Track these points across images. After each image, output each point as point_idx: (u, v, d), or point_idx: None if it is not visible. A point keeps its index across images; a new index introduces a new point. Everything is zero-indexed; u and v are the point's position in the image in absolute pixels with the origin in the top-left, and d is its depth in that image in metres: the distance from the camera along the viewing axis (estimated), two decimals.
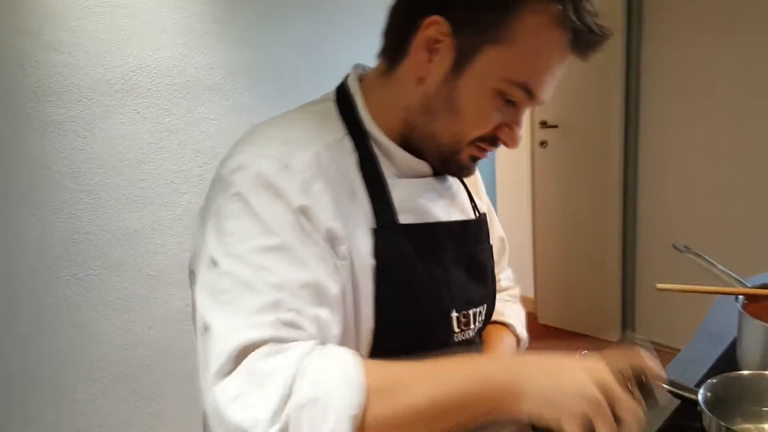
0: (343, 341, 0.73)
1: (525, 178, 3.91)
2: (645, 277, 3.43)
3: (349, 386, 0.60)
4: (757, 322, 1.09)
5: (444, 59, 0.78)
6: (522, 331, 1.05)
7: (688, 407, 1.03)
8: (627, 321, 3.61)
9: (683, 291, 1.13)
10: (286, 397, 0.58)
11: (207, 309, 0.66)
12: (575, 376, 0.65)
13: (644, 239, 3.41)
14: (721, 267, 1.29)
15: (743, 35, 2.82)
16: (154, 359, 1.92)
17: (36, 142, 1.60)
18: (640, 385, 0.69)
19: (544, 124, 3.55)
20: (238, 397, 0.59)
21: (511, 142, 0.83)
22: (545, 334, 3.89)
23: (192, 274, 0.81)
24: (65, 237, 1.69)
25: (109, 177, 1.75)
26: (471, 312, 0.88)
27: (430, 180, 0.88)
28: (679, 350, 1.32)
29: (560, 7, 0.74)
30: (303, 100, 0.88)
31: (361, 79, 0.88)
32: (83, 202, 1.72)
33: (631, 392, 0.67)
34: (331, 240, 0.73)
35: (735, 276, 1.26)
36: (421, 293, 0.82)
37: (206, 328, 0.65)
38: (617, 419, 0.64)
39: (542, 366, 0.67)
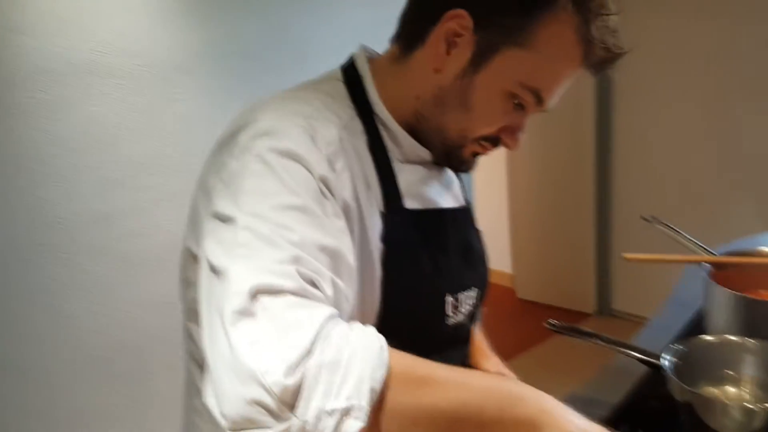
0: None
1: (500, 155, 3.93)
2: (619, 249, 3.48)
3: (373, 359, 0.58)
4: (723, 289, 1.11)
5: (462, 54, 0.78)
6: None
7: (654, 374, 1.05)
8: (602, 292, 3.67)
9: (650, 260, 1.15)
10: (306, 354, 0.55)
11: (220, 256, 0.63)
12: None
13: (618, 212, 3.46)
14: (687, 236, 1.31)
15: (716, 14, 2.85)
16: (132, 343, 1.91)
17: (1, 126, 1.58)
18: None
19: None
20: (255, 342, 0.56)
21: (513, 145, 0.84)
22: (523, 308, 3.94)
23: (187, 253, 0.80)
24: (37, 222, 1.67)
25: (79, 160, 1.73)
26: (461, 296, 0.89)
27: (431, 167, 0.89)
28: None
29: (583, 21, 0.75)
30: (275, 80, 0.87)
31: (370, 62, 0.87)
32: (54, 187, 1.69)
33: None
34: (347, 217, 0.72)
35: (702, 245, 1.29)
36: (424, 279, 0.82)
37: (220, 272, 0.61)
38: None
39: (572, 418, 0.66)
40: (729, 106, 2.93)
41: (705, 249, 1.27)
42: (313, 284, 0.62)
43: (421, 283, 0.82)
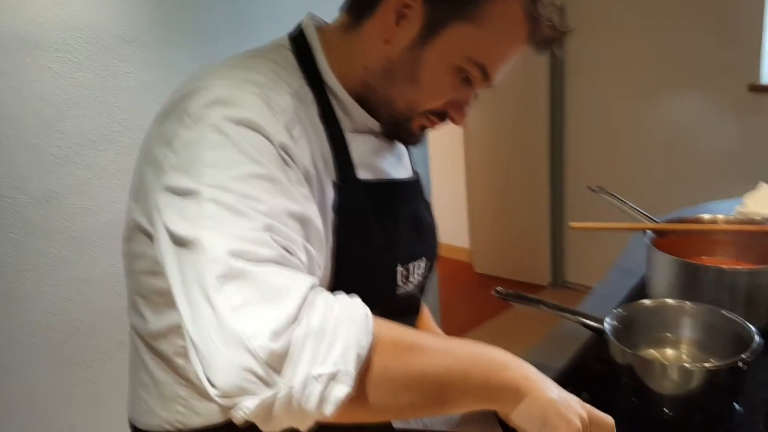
0: None
1: (457, 133, 3.95)
2: (572, 221, 3.56)
3: (359, 326, 0.58)
4: (664, 254, 1.15)
5: (411, 26, 0.78)
6: None
7: (598, 338, 1.08)
8: (556, 265, 3.75)
9: (595, 229, 1.18)
10: (292, 321, 0.55)
11: (187, 229, 0.61)
12: (574, 416, 0.68)
13: (570, 187, 3.54)
14: (632, 205, 1.35)
15: None
16: (85, 323, 1.88)
17: None
18: None
19: None
20: (241, 307, 0.55)
21: (459, 120, 0.85)
22: (480, 282, 4.00)
23: (133, 225, 0.78)
24: None
25: (22, 137, 1.68)
26: (411, 266, 0.89)
27: (382, 138, 0.89)
28: None
29: None
30: (225, 51, 0.85)
31: (318, 30, 0.86)
32: None
33: None
34: (309, 185, 0.72)
35: (646, 213, 1.33)
36: (375, 249, 0.83)
37: (191, 242, 0.60)
38: None
39: (552, 387, 0.70)
40: (677, 84, 3.02)
41: (649, 217, 1.31)
42: (288, 252, 0.61)
43: (372, 252, 0.83)
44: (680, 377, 0.89)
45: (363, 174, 0.83)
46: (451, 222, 4.11)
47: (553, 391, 0.69)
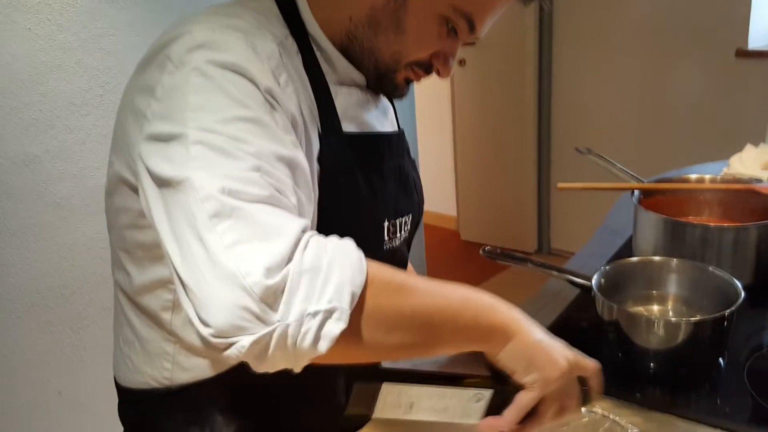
0: None
1: (445, 97, 3.93)
2: (560, 195, 3.57)
3: (353, 265, 0.58)
4: (651, 213, 1.15)
5: None
6: None
7: (584, 296, 1.09)
8: (542, 232, 3.77)
9: (583, 189, 1.18)
10: (286, 260, 0.55)
11: (174, 171, 0.59)
12: (560, 357, 0.70)
13: (557, 155, 3.54)
14: (620, 167, 1.35)
15: None
16: (69, 289, 1.87)
17: None
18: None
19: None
20: (234, 245, 0.54)
21: (445, 72, 0.83)
22: (467, 249, 4.02)
23: (116, 179, 0.76)
24: None
25: (4, 101, 1.64)
26: (398, 221, 0.89)
27: (367, 91, 0.87)
28: None
29: None
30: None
31: None
32: None
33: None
34: (295, 131, 0.70)
35: (633, 174, 1.33)
36: (360, 203, 0.81)
37: (179, 182, 0.58)
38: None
39: (538, 330, 0.71)
40: (665, 48, 3.01)
41: (636, 178, 1.31)
42: (279, 192, 0.60)
43: (358, 206, 0.82)
44: (665, 331, 0.90)
45: (348, 126, 0.82)
46: (439, 190, 4.11)
47: (539, 333, 0.71)
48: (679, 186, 1.27)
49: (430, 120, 3.91)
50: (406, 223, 0.91)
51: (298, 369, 0.58)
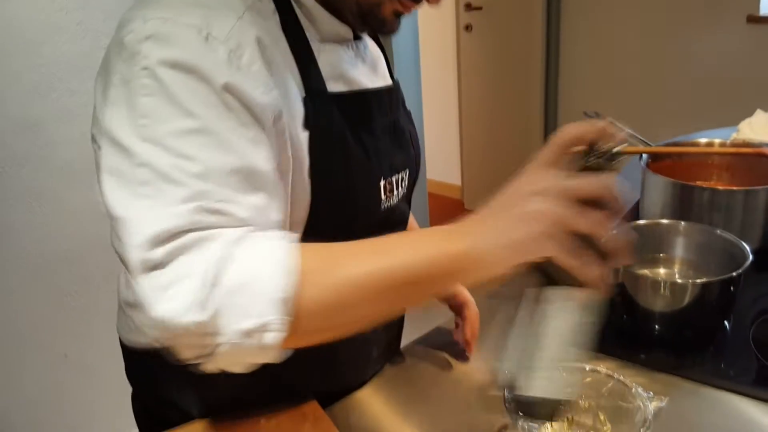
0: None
1: (450, 62, 3.88)
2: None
3: (277, 268, 0.57)
4: (659, 177, 1.14)
5: None
6: None
7: None
8: None
9: None
10: (212, 285, 0.55)
11: (119, 200, 0.60)
12: (529, 214, 0.58)
13: (565, 117, 3.50)
14: (628, 130, 1.33)
15: None
16: (74, 253, 1.87)
17: None
18: (602, 154, 0.61)
19: (468, 7, 3.50)
20: (163, 289, 0.56)
21: None
22: None
23: (94, 140, 0.77)
24: None
25: (4, 64, 1.63)
26: (394, 178, 0.87)
27: (353, 45, 0.84)
28: None
29: None
30: None
31: None
32: None
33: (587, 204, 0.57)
34: (267, 116, 0.67)
35: (641, 139, 1.31)
36: (353, 164, 0.79)
37: (118, 219, 0.60)
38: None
39: (491, 220, 0.61)
40: (675, 13, 2.96)
41: (644, 142, 1.29)
42: (221, 212, 0.60)
43: (352, 168, 0.79)
44: (671, 293, 0.90)
45: (334, 86, 0.79)
46: (443, 158, 4.09)
47: (497, 223, 0.60)
48: (688, 150, 1.26)
49: (434, 88, 3.88)
50: (402, 179, 0.90)
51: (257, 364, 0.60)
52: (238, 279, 0.56)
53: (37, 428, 1.89)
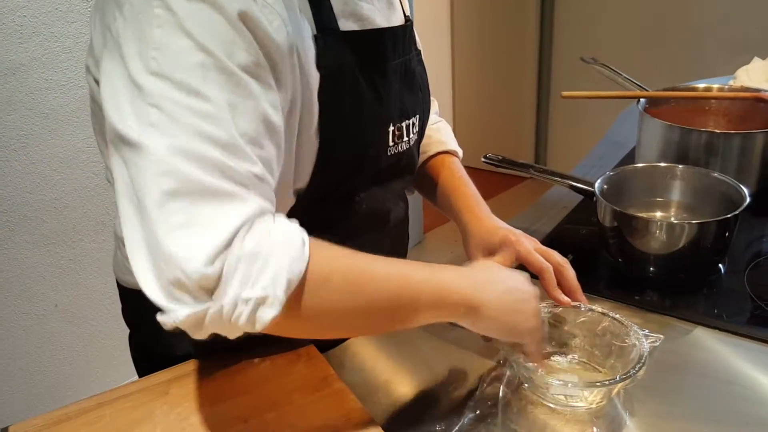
0: (284, 171, 0.69)
1: (444, 6, 3.80)
2: (559, 111, 3.52)
3: (293, 252, 0.58)
4: (656, 120, 1.13)
5: None
6: (458, 149, 1.06)
7: (584, 205, 1.07)
8: (540, 146, 3.72)
9: (587, 97, 1.14)
10: (226, 245, 0.55)
11: (134, 126, 0.57)
12: (527, 309, 0.72)
13: (560, 63, 3.45)
14: (626, 76, 1.31)
15: None
16: (62, 202, 1.84)
17: None
18: None
19: None
20: (179, 227, 0.55)
21: None
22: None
23: (89, 70, 0.74)
24: None
25: None
26: (404, 124, 0.85)
27: None
28: None
29: None
30: None
31: None
32: None
33: None
34: (282, 53, 0.64)
35: (639, 84, 1.29)
36: (364, 107, 0.77)
37: (137, 145, 0.57)
38: None
39: (499, 286, 0.71)
40: None
41: (642, 88, 1.28)
42: (240, 156, 0.58)
43: (362, 112, 0.77)
44: (667, 234, 0.89)
45: (346, 24, 0.76)
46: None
47: (502, 293, 0.71)
48: (686, 94, 1.24)
49: (426, 30, 3.80)
50: (414, 124, 0.87)
51: (233, 337, 0.60)
52: (251, 248, 0.56)
53: (27, 380, 1.89)
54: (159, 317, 0.57)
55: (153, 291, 0.56)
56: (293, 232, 0.60)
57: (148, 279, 0.56)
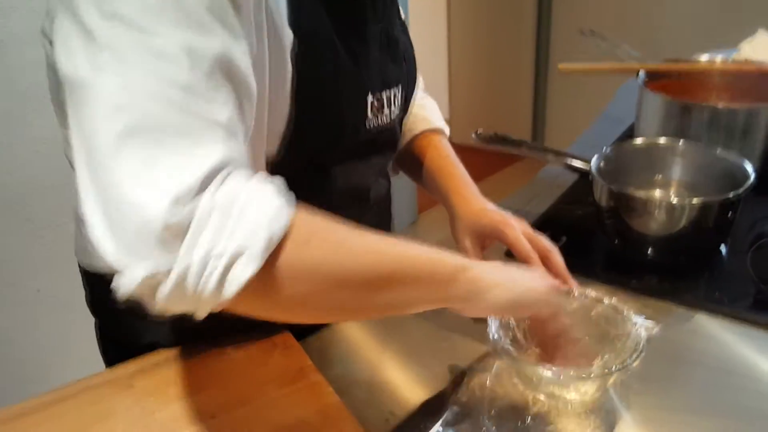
0: (254, 135, 0.62)
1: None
2: (556, 87, 3.47)
3: (272, 209, 0.50)
4: (657, 95, 1.08)
5: None
6: (445, 126, 1.00)
7: (580, 184, 1.02)
8: (537, 122, 3.67)
9: (585, 70, 1.09)
10: (196, 191, 0.47)
11: (85, 67, 0.50)
12: (532, 275, 0.67)
13: (558, 35, 3.39)
14: (625, 47, 1.25)
15: None
16: (44, 184, 1.79)
17: None
18: None
19: None
20: (139, 168, 0.47)
21: None
22: (457, 153, 3.93)
23: (44, 34, 0.68)
24: None
25: None
26: (384, 95, 0.79)
27: None
28: None
29: None
30: None
31: None
32: None
33: None
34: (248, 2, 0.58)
35: (639, 58, 1.24)
36: (341, 74, 0.71)
37: (87, 86, 0.50)
38: None
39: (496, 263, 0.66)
40: None
41: (641, 60, 1.22)
42: (207, 99, 0.51)
43: (338, 77, 0.71)
44: (667, 215, 0.84)
45: None
46: (429, 80, 3.97)
47: (501, 270, 0.64)
48: (687, 67, 1.18)
49: (422, 4, 3.73)
50: (395, 96, 0.82)
51: (200, 315, 0.51)
52: (225, 199, 0.48)
53: (9, 366, 1.86)
54: (114, 282, 0.48)
55: (108, 248, 0.48)
56: (271, 189, 0.52)
57: (105, 236, 0.48)
